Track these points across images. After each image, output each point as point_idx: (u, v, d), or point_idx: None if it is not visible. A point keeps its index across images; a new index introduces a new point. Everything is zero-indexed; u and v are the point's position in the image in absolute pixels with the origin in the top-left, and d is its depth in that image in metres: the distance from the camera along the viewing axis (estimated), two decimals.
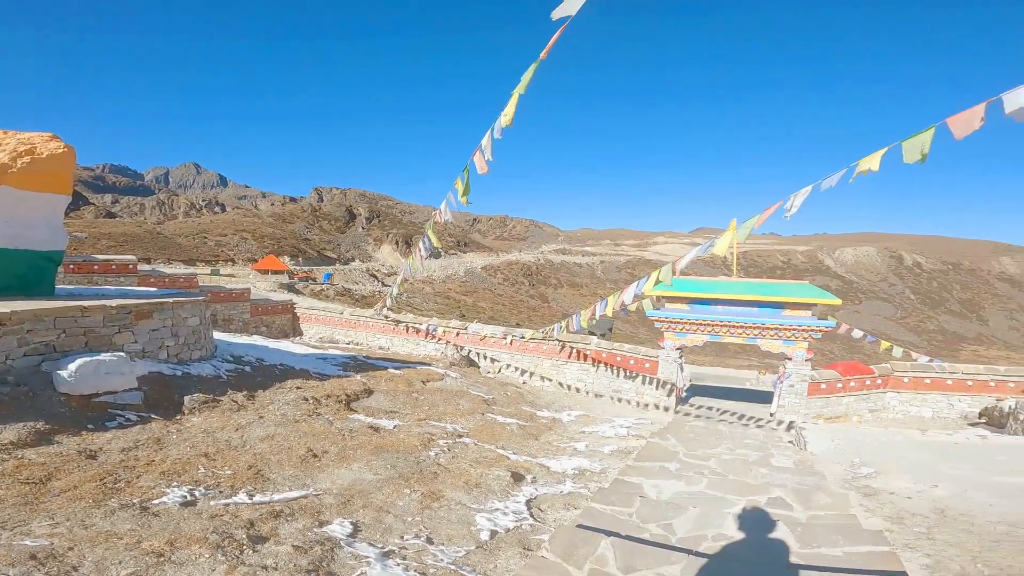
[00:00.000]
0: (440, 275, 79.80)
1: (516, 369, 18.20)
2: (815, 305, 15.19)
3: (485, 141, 10.54)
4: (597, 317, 13.02)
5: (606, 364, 17.08)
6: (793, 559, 4.10)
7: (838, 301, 15.72)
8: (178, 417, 7.05)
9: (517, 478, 6.58)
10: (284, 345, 14.65)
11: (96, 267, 18.51)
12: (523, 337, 18.23)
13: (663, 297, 15.96)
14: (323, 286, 52.94)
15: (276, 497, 5.04)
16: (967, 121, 6.40)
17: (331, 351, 14.90)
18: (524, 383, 16.95)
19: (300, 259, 78.63)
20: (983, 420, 14.06)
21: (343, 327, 22.62)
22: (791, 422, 13.27)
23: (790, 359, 15.19)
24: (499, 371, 18.14)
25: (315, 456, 6.33)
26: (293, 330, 23.56)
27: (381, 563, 4.00)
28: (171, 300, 9.15)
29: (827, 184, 7.68)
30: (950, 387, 15.56)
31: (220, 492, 4.96)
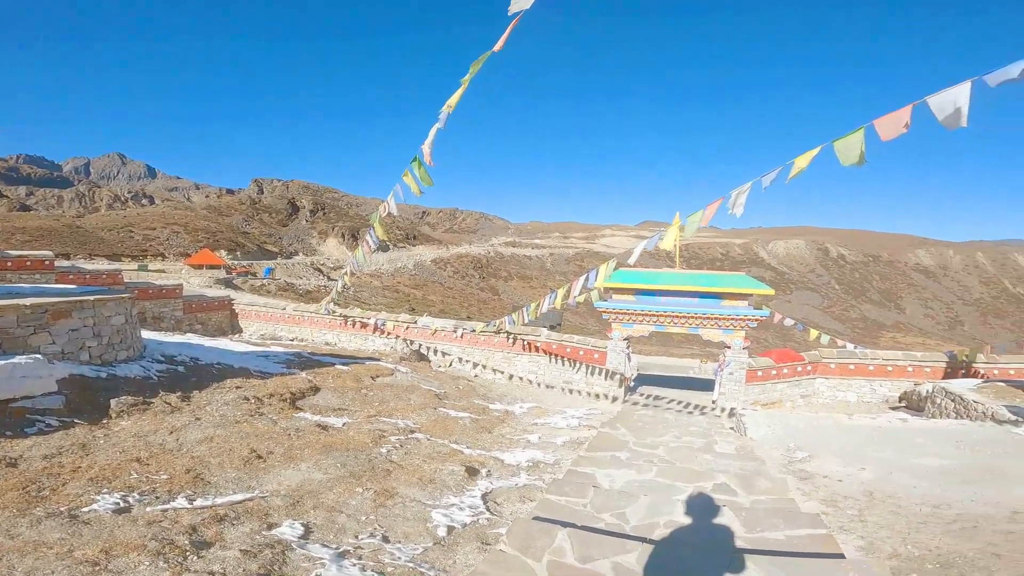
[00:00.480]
0: (389, 269, 78.40)
1: (467, 362, 18.14)
2: (751, 295, 15.92)
3: (432, 131, 10.40)
4: (547, 309, 13.15)
5: (556, 355, 17.29)
6: (739, 543, 4.29)
7: (771, 291, 16.54)
8: (105, 421, 6.62)
9: (472, 472, 6.57)
10: (222, 343, 14.02)
11: (9, 264, 17.03)
12: (474, 330, 18.18)
13: (610, 289, 16.28)
14: (264, 281, 50.92)
15: (219, 501, 4.82)
16: (894, 124, 6.79)
17: (274, 348, 14.36)
18: (476, 376, 16.93)
19: (238, 253, 75.06)
20: (903, 404, 15.18)
21: (286, 323, 21.82)
22: (732, 409, 13.88)
23: (729, 347, 15.86)
24: (450, 365, 18.03)
25: (259, 457, 6.09)
26: (232, 327, 22.53)
27: (336, 564, 3.89)
28: (92, 298, 8.54)
29: (767, 180, 8.00)
30: (872, 372, 16.70)
31: (156, 498, 4.69)
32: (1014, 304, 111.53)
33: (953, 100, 6.12)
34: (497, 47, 8.57)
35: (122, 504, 4.43)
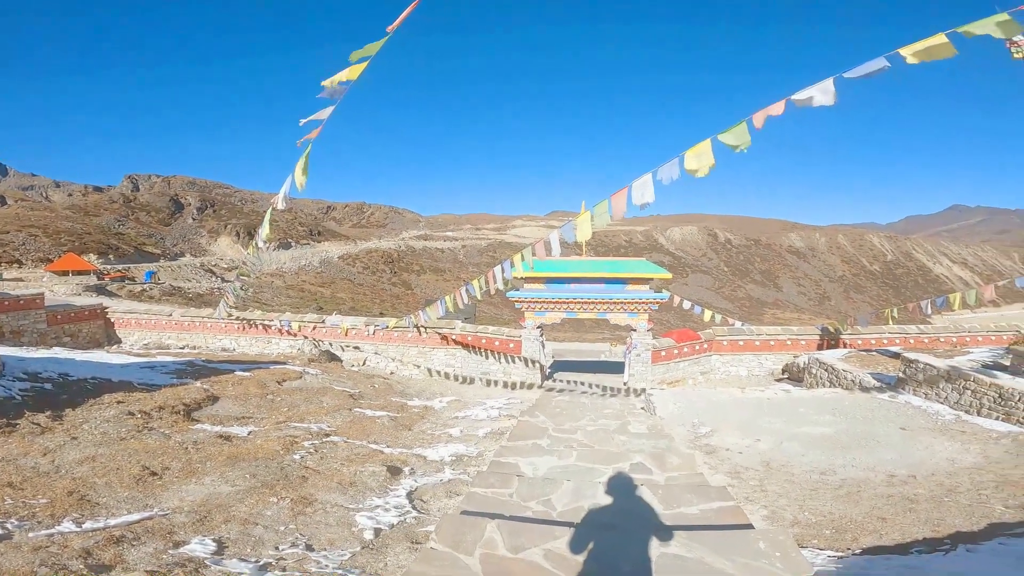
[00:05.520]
0: (292, 267, 74.18)
1: (382, 359, 17.69)
2: (652, 279, 16.90)
3: (325, 114, 9.89)
4: (467, 302, 13.10)
5: (472, 347, 17.33)
6: (660, 520, 4.56)
7: (669, 275, 17.66)
8: None
9: (394, 472, 6.44)
10: (97, 356, 12.72)
11: None
12: (387, 327, 17.75)
13: (521, 278, 16.57)
14: (145, 286, 46.14)
15: (112, 522, 4.40)
16: (765, 115, 7.46)
17: (160, 358, 13.19)
18: (392, 373, 16.57)
19: (111, 256, 67.32)
20: (785, 375, 16.86)
21: (174, 330, 20.08)
22: (641, 389, 14.68)
23: (635, 330, 16.74)
24: (364, 363, 17.49)
25: (154, 474, 5.61)
26: (108, 339, 20.38)
27: None
28: None
29: (664, 174, 8.35)
30: (758, 348, 18.38)
31: (39, 523, 4.22)
32: (870, 280, 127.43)
33: (816, 92, 6.87)
34: (390, 29, 8.32)
35: (0, 531, 3.92)
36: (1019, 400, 7.60)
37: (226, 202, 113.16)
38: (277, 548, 4.24)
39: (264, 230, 13.18)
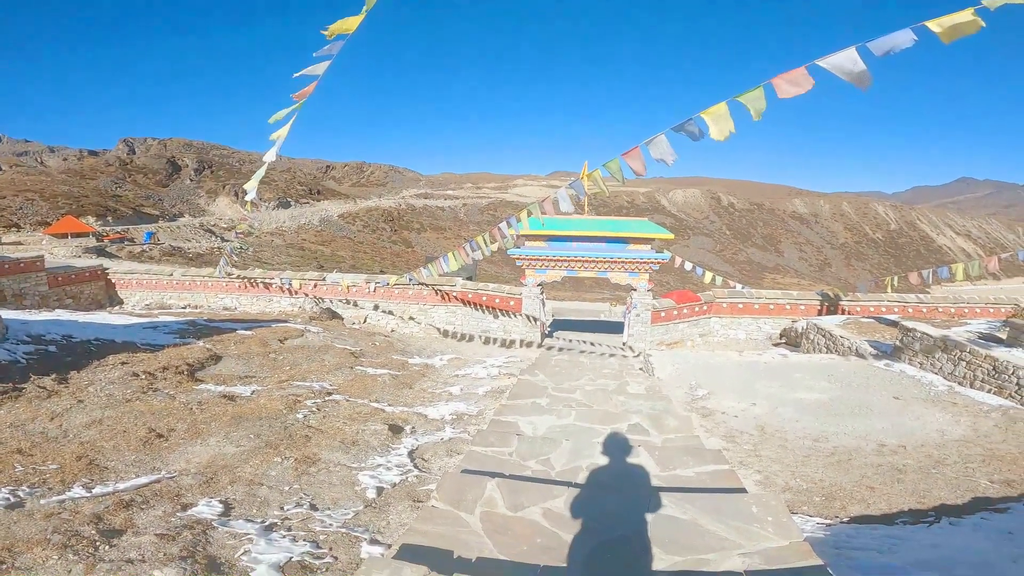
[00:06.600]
0: (292, 225, 73.73)
1: (383, 317, 17.78)
2: (653, 240, 16.82)
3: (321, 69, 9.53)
4: (471, 259, 13.05)
5: (473, 304, 17.39)
6: (655, 482, 4.66)
7: (671, 236, 17.56)
8: None
9: (396, 430, 6.55)
10: (99, 317, 12.77)
11: None
12: (387, 284, 17.75)
13: (523, 236, 16.48)
14: (145, 247, 46.00)
15: (121, 486, 4.48)
16: (792, 82, 7.18)
17: (163, 318, 13.25)
18: (392, 331, 16.68)
19: (110, 218, 66.82)
20: (783, 340, 16.98)
21: (176, 290, 20.09)
22: (640, 350, 14.83)
23: (635, 290, 16.77)
24: (365, 321, 17.58)
25: (160, 436, 5.70)
26: (110, 300, 20.43)
27: (265, 538, 3.78)
28: None
29: (689, 129, 8.07)
30: (757, 311, 18.44)
31: (50, 489, 4.28)
32: (872, 248, 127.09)
33: (846, 61, 6.58)
34: None
35: (12, 499, 4.01)
36: (1012, 373, 7.67)
37: (224, 163, 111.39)
38: (282, 508, 4.34)
39: (251, 182, 13.01)
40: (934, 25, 5.93)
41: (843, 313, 17.45)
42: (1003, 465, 5.36)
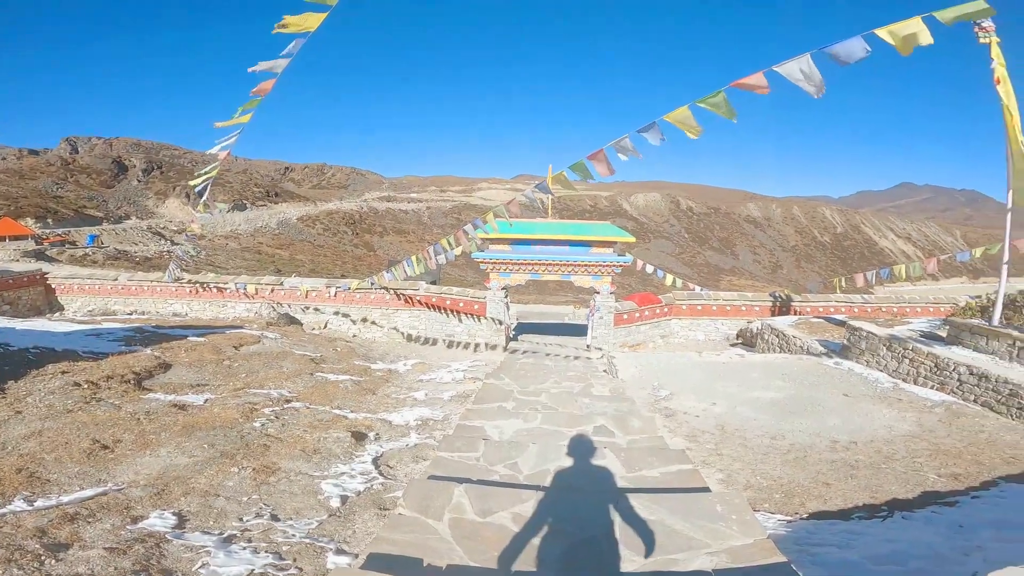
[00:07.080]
0: (247, 228, 71.44)
1: (344, 322, 17.42)
2: (616, 243, 17.08)
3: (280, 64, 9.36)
4: (439, 262, 12.94)
5: (437, 308, 17.24)
6: (622, 483, 4.71)
7: (633, 239, 17.89)
8: None
9: (359, 437, 6.42)
10: (38, 324, 12.19)
11: None
12: (349, 288, 17.41)
13: (487, 239, 16.46)
14: (87, 250, 43.74)
15: (65, 499, 4.24)
16: (753, 84, 7.46)
17: (107, 325, 12.66)
18: (354, 336, 16.36)
19: (50, 220, 63.38)
20: (739, 340, 17.50)
21: (121, 295, 19.23)
22: (604, 352, 15.00)
23: (598, 292, 16.98)
24: (325, 326, 17.19)
25: (105, 447, 5.44)
26: (49, 306, 19.40)
27: (223, 550, 3.63)
28: None
29: (650, 137, 8.27)
30: (715, 312, 18.95)
31: None
32: (820, 251, 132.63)
33: (798, 68, 6.86)
34: None
35: None
36: (953, 370, 8.11)
37: (174, 163, 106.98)
38: (241, 519, 4.19)
39: (198, 180, 12.66)
40: (884, 34, 6.24)
41: (795, 314, 18.12)
42: (949, 459, 5.65)
